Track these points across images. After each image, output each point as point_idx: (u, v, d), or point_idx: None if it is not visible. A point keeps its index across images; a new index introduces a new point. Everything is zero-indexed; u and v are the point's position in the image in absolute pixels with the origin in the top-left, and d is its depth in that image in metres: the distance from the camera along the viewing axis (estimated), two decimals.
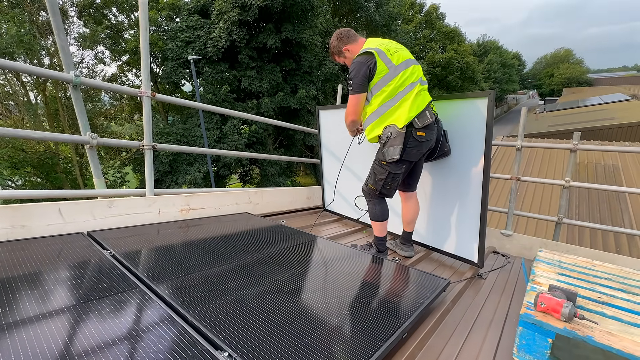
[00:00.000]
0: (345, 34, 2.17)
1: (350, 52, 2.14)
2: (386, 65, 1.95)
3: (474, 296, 1.90)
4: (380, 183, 2.09)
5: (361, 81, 1.96)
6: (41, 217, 1.90)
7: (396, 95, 1.97)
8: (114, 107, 16.79)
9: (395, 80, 1.96)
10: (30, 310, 1.12)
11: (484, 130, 2.03)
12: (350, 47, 2.14)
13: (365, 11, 19.15)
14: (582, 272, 1.68)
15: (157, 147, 2.58)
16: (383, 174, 2.06)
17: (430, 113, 1.99)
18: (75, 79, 2.13)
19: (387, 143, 1.98)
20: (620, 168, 8.15)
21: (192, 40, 14.32)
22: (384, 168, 2.05)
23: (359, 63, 1.96)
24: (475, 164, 2.12)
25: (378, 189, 2.12)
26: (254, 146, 15.20)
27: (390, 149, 1.97)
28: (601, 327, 1.12)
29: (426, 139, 2.00)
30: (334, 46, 2.19)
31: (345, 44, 2.15)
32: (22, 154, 12.48)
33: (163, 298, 1.31)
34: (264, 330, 1.16)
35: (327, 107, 3.40)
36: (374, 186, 2.13)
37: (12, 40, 10.99)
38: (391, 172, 2.04)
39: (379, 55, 1.95)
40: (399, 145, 1.95)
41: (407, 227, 2.39)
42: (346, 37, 2.15)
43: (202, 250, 1.88)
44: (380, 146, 2.06)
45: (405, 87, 1.96)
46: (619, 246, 5.72)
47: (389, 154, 1.98)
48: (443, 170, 2.36)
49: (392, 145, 1.97)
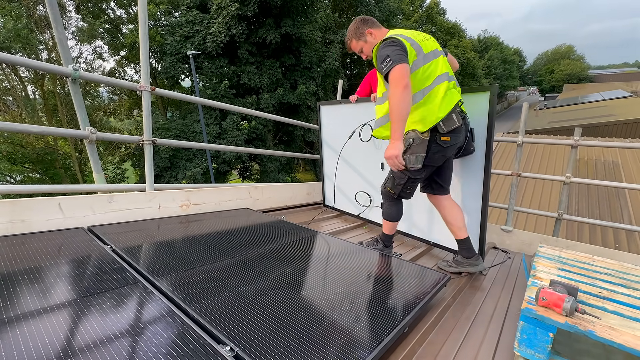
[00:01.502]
0: (370, 19, 1.99)
1: (373, 36, 1.94)
2: (415, 51, 1.76)
3: (474, 292, 1.91)
4: (399, 187, 1.99)
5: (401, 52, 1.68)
6: (41, 211, 1.89)
7: (422, 89, 1.78)
8: (112, 103, 16.71)
9: (422, 70, 1.76)
10: (31, 305, 1.11)
11: (485, 125, 2.02)
12: (375, 31, 1.95)
13: (365, 6, 19.02)
14: (582, 267, 1.68)
15: (156, 141, 2.57)
16: (402, 178, 1.95)
17: (457, 115, 1.80)
18: (74, 72, 2.11)
19: (409, 150, 1.84)
20: (620, 164, 8.15)
21: (191, 35, 14.21)
22: (403, 173, 1.92)
23: (390, 42, 1.73)
24: (476, 160, 2.12)
25: (397, 192, 2.02)
26: (254, 142, 15.17)
27: (412, 157, 1.83)
28: (602, 321, 1.13)
29: (451, 143, 1.84)
30: (354, 29, 1.98)
31: (369, 27, 1.96)
32: (21, 149, 12.44)
33: (164, 292, 1.31)
34: (266, 325, 1.16)
35: (328, 103, 3.39)
36: (392, 190, 2.03)
37: (9, 35, 10.90)
38: (411, 178, 1.93)
39: (406, 39, 1.75)
40: (422, 153, 1.81)
41: (459, 234, 2.08)
42: (371, 21, 1.98)
43: (202, 246, 1.88)
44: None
45: (432, 80, 1.78)
46: (617, 242, 5.74)
47: (410, 161, 1.84)
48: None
49: (413, 152, 1.82)
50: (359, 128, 2.96)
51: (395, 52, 1.67)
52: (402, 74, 1.62)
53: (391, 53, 1.67)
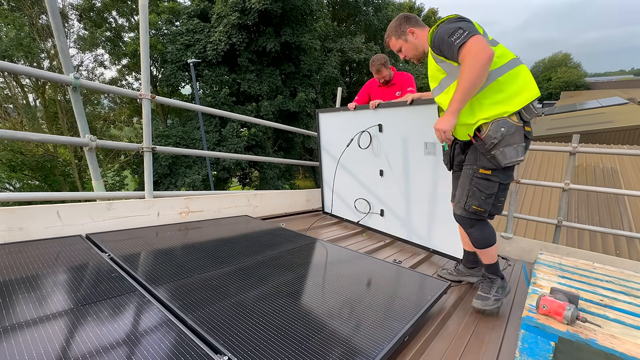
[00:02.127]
0: (413, 17, 1.83)
1: (415, 35, 1.77)
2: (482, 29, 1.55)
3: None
4: (490, 201, 1.58)
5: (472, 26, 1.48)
6: (39, 219, 1.88)
7: (500, 67, 1.50)
8: (113, 111, 16.80)
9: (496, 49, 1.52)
10: (27, 314, 1.10)
11: None
12: (417, 30, 1.77)
13: (364, 15, 19.30)
14: (583, 274, 1.67)
15: (156, 149, 2.57)
16: (492, 187, 1.56)
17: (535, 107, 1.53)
18: (75, 81, 2.13)
19: (502, 142, 1.47)
20: (618, 171, 8.17)
21: (192, 43, 14.37)
22: (491, 179, 1.55)
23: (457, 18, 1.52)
24: None
25: (488, 209, 1.60)
26: (254, 149, 15.21)
27: (509, 150, 1.47)
28: (604, 329, 1.12)
29: (531, 136, 1.57)
30: (395, 26, 1.81)
31: (412, 25, 1.79)
32: (21, 156, 12.46)
33: (162, 301, 1.29)
34: (264, 334, 1.15)
35: (327, 110, 3.41)
36: (481, 207, 1.60)
37: (11, 43, 11.01)
38: (502, 183, 1.57)
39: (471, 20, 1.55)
40: (521, 143, 1.47)
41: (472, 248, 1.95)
42: (414, 19, 1.81)
43: (201, 253, 1.87)
44: (482, 148, 1.55)
45: (509, 60, 1.52)
46: (618, 249, 5.72)
47: (507, 156, 1.47)
48: (442, 173, 2.36)
49: (510, 144, 1.46)
50: (357, 135, 2.98)
51: (467, 24, 1.47)
52: (483, 43, 1.40)
53: (463, 25, 1.46)
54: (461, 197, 1.66)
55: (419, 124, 2.44)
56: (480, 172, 1.58)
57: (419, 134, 2.45)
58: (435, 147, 2.35)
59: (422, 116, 2.39)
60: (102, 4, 15.17)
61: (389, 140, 2.74)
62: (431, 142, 2.38)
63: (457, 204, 1.70)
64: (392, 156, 2.74)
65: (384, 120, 2.74)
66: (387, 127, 2.73)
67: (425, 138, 2.40)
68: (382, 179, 2.89)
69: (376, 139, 2.85)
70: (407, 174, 2.65)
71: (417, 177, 2.57)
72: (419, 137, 2.46)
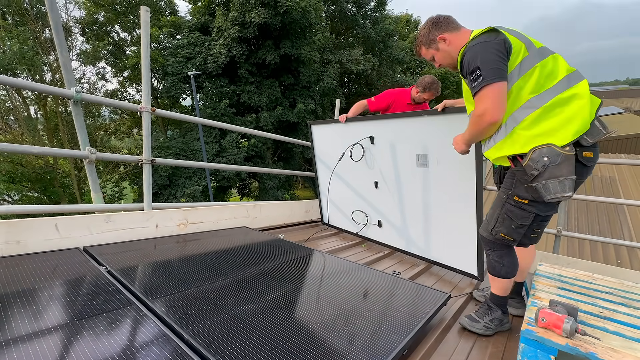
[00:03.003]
0: (444, 19, 1.57)
1: (447, 42, 1.54)
2: (524, 43, 1.34)
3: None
4: (520, 231, 1.43)
5: (495, 64, 1.28)
6: (37, 232, 1.88)
7: (546, 90, 1.31)
8: (113, 122, 16.93)
9: (541, 67, 1.32)
10: (22, 329, 1.09)
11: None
12: (449, 36, 1.54)
13: (362, 28, 19.67)
14: (582, 286, 1.66)
15: (155, 161, 2.59)
16: (526, 218, 1.39)
17: (601, 122, 1.33)
18: (76, 95, 2.16)
19: (544, 174, 1.26)
20: (617, 180, 8.20)
21: (193, 56, 14.60)
22: (526, 209, 1.39)
23: (483, 43, 1.33)
24: (467, 178, 2.12)
25: (517, 238, 1.45)
26: (253, 159, 15.27)
27: (553, 183, 1.25)
28: (604, 343, 1.11)
29: (594, 161, 1.35)
30: (424, 34, 1.60)
31: (442, 31, 1.55)
32: (20, 168, 12.48)
33: (159, 315, 1.28)
34: (262, 348, 1.13)
35: (319, 122, 3.40)
36: (509, 236, 1.45)
37: (14, 57, 11.17)
38: (540, 215, 1.39)
39: (509, 32, 1.36)
40: (569, 176, 1.24)
41: (519, 277, 1.80)
42: (445, 23, 1.55)
43: (199, 266, 1.86)
44: (521, 177, 1.38)
45: (559, 81, 1.32)
46: (619, 258, 5.68)
47: (551, 190, 1.25)
48: (435, 185, 2.36)
49: (554, 176, 1.24)
50: (349, 148, 2.98)
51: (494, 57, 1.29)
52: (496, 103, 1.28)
53: (484, 61, 1.29)
54: (490, 219, 1.52)
55: (409, 136, 2.45)
56: (515, 199, 1.41)
57: (410, 146, 2.46)
58: (427, 159, 2.36)
59: (411, 128, 2.41)
60: (105, 18, 15.48)
61: (380, 152, 2.75)
62: (422, 154, 2.38)
63: (484, 225, 1.56)
64: (385, 168, 2.75)
65: (375, 132, 2.75)
66: (378, 139, 2.74)
67: (416, 150, 2.41)
68: (377, 190, 2.89)
69: (369, 151, 2.86)
70: (400, 185, 2.66)
71: (411, 189, 2.57)
72: (410, 149, 2.46)
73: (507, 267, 1.53)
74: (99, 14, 15.25)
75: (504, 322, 1.64)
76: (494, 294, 1.63)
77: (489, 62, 1.29)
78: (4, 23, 12.10)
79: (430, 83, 3.00)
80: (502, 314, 1.63)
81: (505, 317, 1.65)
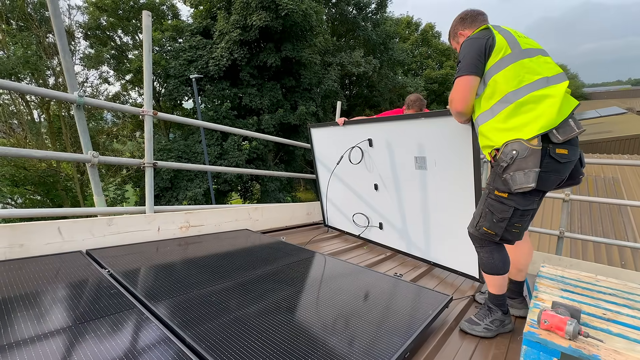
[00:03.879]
0: (470, 15, 1.69)
1: (464, 38, 1.68)
2: (508, 43, 1.46)
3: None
4: (501, 225, 1.47)
5: (472, 59, 1.47)
6: (40, 235, 1.89)
7: (523, 87, 1.41)
8: (116, 125, 17.02)
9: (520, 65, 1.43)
10: (25, 332, 1.10)
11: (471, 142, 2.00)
12: (468, 32, 1.67)
13: (362, 30, 19.72)
14: (585, 287, 1.65)
15: (157, 164, 2.60)
16: (505, 211, 1.45)
17: (575, 122, 1.39)
18: (78, 99, 2.18)
19: (512, 166, 1.38)
20: (620, 180, 8.15)
21: (195, 59, 14.69)
22: (505, 203, 1.45)
23: (471, 40, 1.53)
24: (466, 178, 2.10)
25: (499, 233, 1.49)
26: (255, 162, 15.30)
27: (519, 175, 1.36)
28: (607, 345, 1.10)
29: (569, 158, 1.40)
30: (452, 26, 1.78)
31: (464, 27, 1.70)
32: (24, 171, 12.55)
33: (160, 318, 1.29)
34: (263, 351, 1.13)
35: (318, 125, 3.37)
36: (491, 230, 1.50)
37: (18, 62, 11.27)
38: (518, 208, 1.44)
39: (499, 31, 1.49)
40: (534, 168, 1.34)
41: (517, 276, 1.82)
42: (470, 19, 1.68)
43: (201, 269, 1.86)
44: (497, 170, 1.46)
45: (537, 79, 1.42)
46: (623, 260, 5.64)
47: (517, 181, 1.36)
48: (435, 187, 2.36)
49: (520, 168, 1.36)
50: (348, 151, 2.99)
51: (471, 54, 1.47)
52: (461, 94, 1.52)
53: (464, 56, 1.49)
54: (475, 215, 1.60)
55: (407, 139, 2.45)
56: (495, 193, 1.49)
57: (408, 148, 2.46)
58: (425, 161, 2.36)
59: (409, 130, 2.41)
60: (107, 22, 15.61)
61: (379, 155, 2.75)
62: (420, 156, 2.38)
63: (471, 222, 1.63)
64: (384, 171, 2.74)
65: (374, 135, 2.74)
66: (376, 142, 2.74)
67: (415, 152, 2.41)
68: (377, 193, 2.89)
69: (367, 154, 2.86)
70: (400, 188, 2.65)
71: (410, 192, 2.56)
72: (409, 152, 2.46)
73: (498, 264, 1.56)
74: (102, 18, 15.39)
75: (506, 322, 1.63)
76: (492, 293, 1.65)
77: (467, 57, 1.48)
78: (8, 28, 12.23)
79: (413, 101, 3.21)
80: (502, 314, 1.63)
81: (507, 318, 1.64)
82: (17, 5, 12.20)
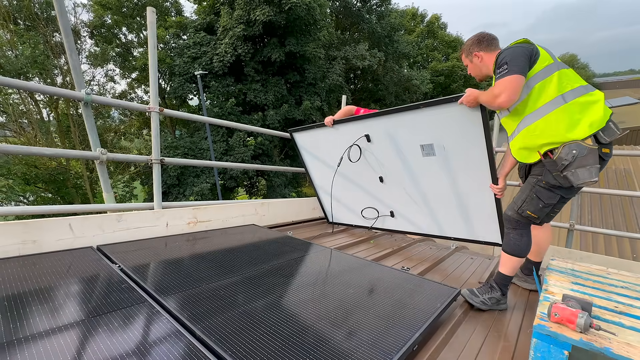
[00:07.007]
0: (487, 38, 1.84)
1: (480, 59, 1.83)
2: (549, 54, 1.64)
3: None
4: (545, 210, 1.68)
5: (523, 62, 1.56)
6: (52, 232, 1.93)
7: (568, 92, 1.57)
8: (123, 123, 17.19)
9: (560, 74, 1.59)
10: (40, 326, 1.13)
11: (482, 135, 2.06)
12: (484, 55, 1.82)
13: (367, 23, 19.49)
14: (596, 280, 1.63)
15: (164, 161, 2.62)
16: (552, 198, 1.65)
17: (615, 125, 1.56)
18: (86, 96, 2.20)
19: (573, 163, 1.52)
20: (631, 172, 7.98)
21: (199, 55, 14.70)
22: (554, 192, 1.64)
23: (517, 47, 1.62)
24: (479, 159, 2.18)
25: (541, 217, 1.70)
26: (260, 157, 15.34)
27: (582, 171, 1.51)
28: (619, 337, 1.08)
29: (610, 156, 1.61)
30: (468, 45, 1.90)
31: (480, 49, 1.83)
32: (35, 170, 12.78)
33: (170, 312, 1.31)
34: (272, 344, 1.14)
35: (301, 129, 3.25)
36: (535, 213, 1.69)
37: (27, 61, 11.41)
38: (564, 197, 1.66)
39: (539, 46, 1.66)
40: (595, 164, 1.50)
41: (537, 257, 2.05)
42: (487, 42, 1.83)
43: (209, 263, 1.88)
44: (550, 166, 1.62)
45: (578, 87, 1.59)
46: (635, 252, 5.55)
47: (580, 177, 1.51)
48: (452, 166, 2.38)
49: (582, 165, 1.51)
50: (347, 151, 2.93)
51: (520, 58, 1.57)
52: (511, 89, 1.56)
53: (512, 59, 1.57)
54: (517, 200, 1.75)
55: (409, 129, 2.44)
56: (545, 182, 1.66)
57: (412, 138, 2.46)
58: (433, 147, 2.37)
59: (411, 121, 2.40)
60: (112, 20, 15.67)
61: (380, 149, 2.72)
62: (427, 144, 2.38)
63: (510, 206, 1.78)
64: (389, 163, 2.74)
65: (370, 131, 2.70)
66: (375, 136, 2.70)
67: (419, 141, 2.42)
68: (383, 184, 2.89)
69: (366, 150, 2.83)
70: (409, 176, 2.67)
71: (421, 178, 2.60)
72: (413, 141, 2.46)
73: (523, 246, 1.75)
74: (107, 16, 15.46)
75: (501, 302, 1.81)
76: (502, 273, 1.80)
77: (515, 60, 1.58)
78: (15, 28, 12.36)
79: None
80: (501, 295, 1.80)
81: (503, 299, 1.81)
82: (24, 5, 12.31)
